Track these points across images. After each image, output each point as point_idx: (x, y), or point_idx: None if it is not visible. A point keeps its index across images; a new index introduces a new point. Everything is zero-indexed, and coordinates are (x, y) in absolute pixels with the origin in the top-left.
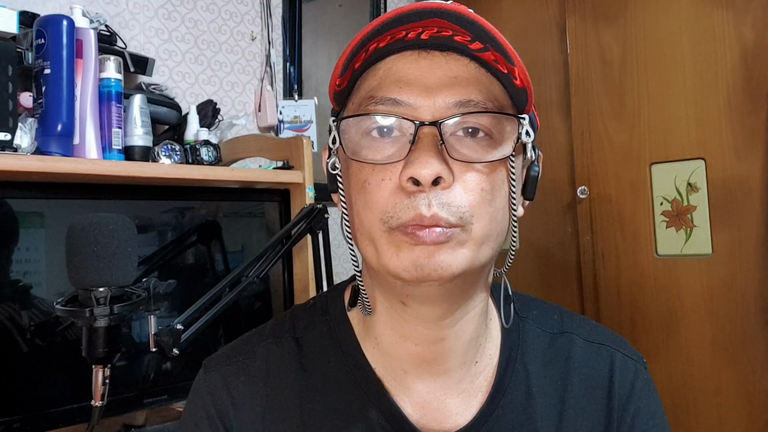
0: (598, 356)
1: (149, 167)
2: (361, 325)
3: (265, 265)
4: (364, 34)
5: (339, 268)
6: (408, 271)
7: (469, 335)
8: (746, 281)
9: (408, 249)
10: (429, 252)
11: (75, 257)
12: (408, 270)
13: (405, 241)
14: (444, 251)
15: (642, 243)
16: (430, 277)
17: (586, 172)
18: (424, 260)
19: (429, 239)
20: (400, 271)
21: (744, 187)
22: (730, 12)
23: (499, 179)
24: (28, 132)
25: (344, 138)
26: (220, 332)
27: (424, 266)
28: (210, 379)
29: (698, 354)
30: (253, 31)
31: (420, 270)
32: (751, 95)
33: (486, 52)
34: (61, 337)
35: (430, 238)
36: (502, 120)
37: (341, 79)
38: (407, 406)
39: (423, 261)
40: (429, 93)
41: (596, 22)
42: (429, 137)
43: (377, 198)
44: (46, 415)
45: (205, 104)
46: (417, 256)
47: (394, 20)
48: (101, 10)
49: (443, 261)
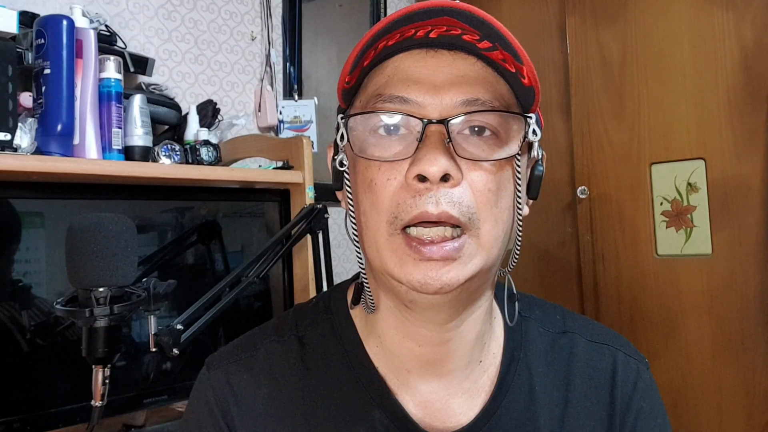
0: (600, 356)
1: (149, 167)
2: (364, 324)
3: (265, 265)
4: (374, 32)
5: (339, 268)
6: (412, 284)
7: (474, 335)
8: (746, 281)
9: (412, 265)
10: (437, 268)
11: (75, 257)
12: (412, 283)
13: (408, 255)
14: (453, 267)
15: (642, 243)
16: (437, 291)
17: (586, 172)
18: (430, 276)
19: (437, 255)
20: (404, 282)
21: (744, 187)
22: (730, 12)
23: (505, 178)
24: (28, 132)
25: (352, 135)
26: (220, 332)
27: (430, 284)
28: (213, 376)
29: (698, 354)
30: (253, 31)
31: (426, 287)
32: (751, 95)
33: (494, 51)
34: (61, 337)
35: (438, 255)
36: (509, 119)
37: (350, 76)
38: (410, 404)
39: (429, 277)
40: (436, 91)
41: (596, 22)
42: (436, 135)
43: (383, 197)
44: (46, 415)
45: (205, 104)
46: (423, 272)
47: (404, 18)
48: (101, 10)
49: (451, 278)
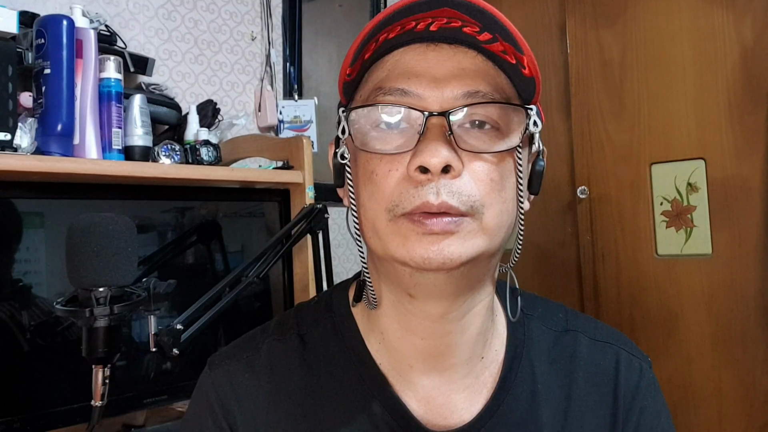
0: (603, 354)
1: (149, 167)
2: (365, 321)
3: (265, 265)
4: (374, 24)
5: (339, 268)
6: (415, 260)
7: (476, 330)
8: (746, 281)
9: (416, 239)
10: (438, 241)
11: (75, 257)
12: (415, 259)
13: (412, 230)
14: (453, 241)
15: (642, 243)
16: (439, 267)
17: (586, 172)
18: (432, 251)
19: (438, 228)
20: (407, 260)
21: (744, 187)
22: (730, 12)
23: (507, 170)
24: (28, 132)
25: (353, 129)
26: (220, 332)
27: (432, 258)
28: (214, 376)
29: (698, 354)
30: (253, 31)
31: (428, 262)
32: (751, 95)
33: (495, 43)
34: (61, 337)
35: (438, 227)
36: (509, 111)
37: (351, 69)
38: (412, 401)
39: (431, 251)
40: (437, 84)
41: (596, 22)
42: (437, 128)
43: (383, 188)
44: (46, 415)
45: (205, 104)
46: (425, 247)
47: (405, 10)
48: (101, 10)
49: (453, 252)
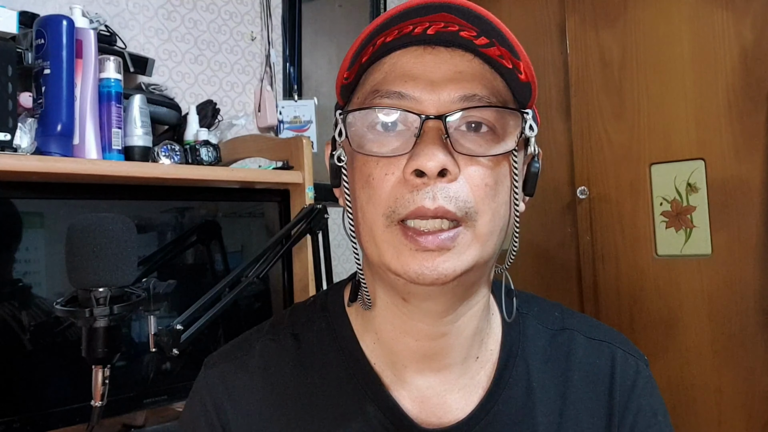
0: (599, 353)
1: (149, 167)
2: (360, 321)
3: (264, 265)
4: (372, 28)
5: (339, 268)
6: (408, 274)
7: (471, 331)
8: (746, 281)
9: (409, 254)
10: (432, 258)
11: (75, 257)
12: (408, 274)
13: (405, 245)
14: (449, 257)
15: (642, 243)
16: (433, 282)
17: (585, 172)
18: (426, 267)
19: (433, 245)
20: (401, 273)
21: (744, 188)
22: (730, 12)
23: (502, 174)
24: (28, 132)
25: (350, 131)
26: (219, 332)
27: (427, 275)
28: (208, 376)
29: (698, 354)
30: (253, 31)
31: (422, 278)
32: (751, 95)
33: (491, 48)
34: (61, 337)
35: (434, 244)
36: (506, 115)
37: (349, 72)
38: (406, 401)
39: (425, 268)
40: (434, 87)
41: (596, 23)
42: (434, 131)
43: (380, 192)
44: (46, 415)
45: (205, 104)
46: (419, 263)
47: (402, 14)
48: (101, 10)
49: (447, 268)
